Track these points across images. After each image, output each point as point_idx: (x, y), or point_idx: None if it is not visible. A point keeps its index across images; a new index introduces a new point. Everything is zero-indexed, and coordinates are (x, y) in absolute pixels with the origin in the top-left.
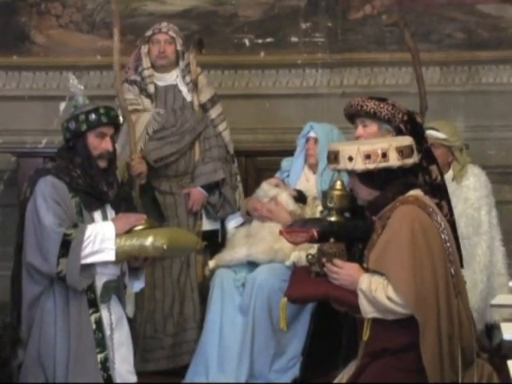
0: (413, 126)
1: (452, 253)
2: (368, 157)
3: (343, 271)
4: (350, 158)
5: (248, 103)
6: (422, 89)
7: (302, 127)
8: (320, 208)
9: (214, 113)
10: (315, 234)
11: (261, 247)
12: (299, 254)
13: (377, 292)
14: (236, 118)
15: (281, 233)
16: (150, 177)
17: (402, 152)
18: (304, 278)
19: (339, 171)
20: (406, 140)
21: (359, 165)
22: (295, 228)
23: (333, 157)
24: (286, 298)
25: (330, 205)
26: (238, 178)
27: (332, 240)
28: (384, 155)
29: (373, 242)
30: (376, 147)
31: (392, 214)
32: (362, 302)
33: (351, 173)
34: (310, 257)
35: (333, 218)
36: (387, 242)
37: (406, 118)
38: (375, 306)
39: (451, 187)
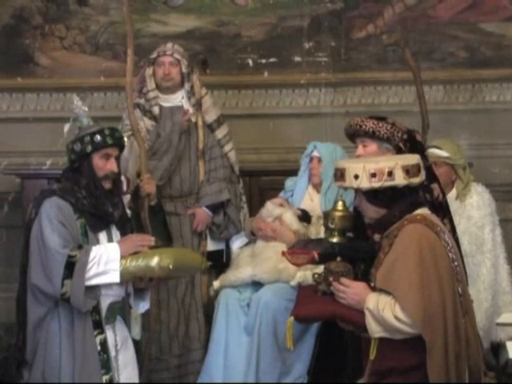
0: (412, 145)
1: (459, 272)
2: (374, 175)
3: (350, 290)
4: (356, 176)
5: (252, 123)
6: (424, 107)
7: (305, 147)
8: None
9: (220, 133)
10: (316, 255)
11: (265, 267)
12: (304, 274)
13: (384, 311)
14: (240, 138)
15: (283, 254)
16: (160, 198)
17: (409, 171)
18: (311, 296)
19: (345, 189)
20: (414, 159)
21: (365, 183)
22: (297, 249)
23: (339, 174)
24: (292, 317)
25: (332, 226)
26: (244, 198)
27: (339, 259)
28: (390, 174)
29: (380, 260)
30: (382, 166)
31: (399, 232)
32: (369, 321)
33: (358, 191)
34: (316, 275)
35: (334, 239)
36: (394, 260)
37: (405, 136)
38: (382, 326)
39: (454, 205)
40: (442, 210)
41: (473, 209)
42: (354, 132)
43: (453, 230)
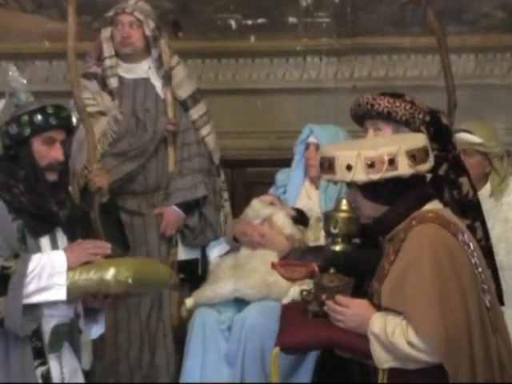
0: (437, 129)
1: (485, 280)
2: (371, 165)
3: (349, 311)
4: (349, 167)
5: (235, 100)
6: (451, 81)
7: (301, 130)
8: None
9: (195, 113)
10: (316, 268)
11: (251, 281)
12: (300, 290)
13: (394, 336)
14: (220, 119)
15: (273, 266)
16: (114, 193)
17: (415, 156)
18: (298, 319)
19: (335, 183)
20: (419, 140)
21: (360, 175)
22: (291, 260)
23: (327, 165)
24: (277, 348)
25: (334, 231)
26: (225, 195)
27: (332, 270)
28: (391, 162)
29: (384, 271)
30: (381, 152)
31: (407, 235)
32: (376, 348)
33: (351, 184)
34: (305, 293)
35: (338, 247)
36: (404, 271)
37: (427, 118)
38: (392, 354)
39: (488, 205)
40: (472, 210)
41: (510, 209)
42: (364, 113)
43: (486, 237)
